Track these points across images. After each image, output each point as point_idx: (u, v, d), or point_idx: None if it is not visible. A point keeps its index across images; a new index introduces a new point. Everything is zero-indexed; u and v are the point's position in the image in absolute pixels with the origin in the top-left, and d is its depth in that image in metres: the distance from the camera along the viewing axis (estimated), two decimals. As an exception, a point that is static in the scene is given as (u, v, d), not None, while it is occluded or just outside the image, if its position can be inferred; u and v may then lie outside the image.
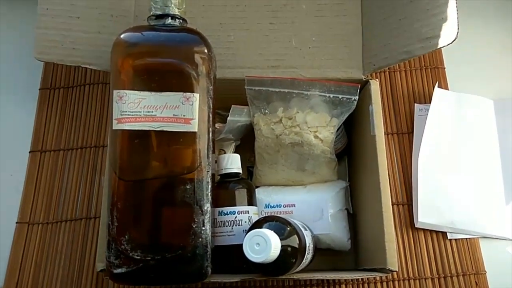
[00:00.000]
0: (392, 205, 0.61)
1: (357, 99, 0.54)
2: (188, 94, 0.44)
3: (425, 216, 0.61)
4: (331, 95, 0.54)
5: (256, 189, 0.58)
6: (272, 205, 0.58)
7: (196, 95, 0.45)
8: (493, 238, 0.61)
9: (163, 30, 0.47)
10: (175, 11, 0.47)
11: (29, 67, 0.72)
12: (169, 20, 0.47)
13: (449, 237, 0.61)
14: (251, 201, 0.54)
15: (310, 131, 0.55)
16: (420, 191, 0.62)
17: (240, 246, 0.44)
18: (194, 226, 0.44)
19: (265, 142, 0.57)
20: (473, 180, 0.63)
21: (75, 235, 0.62)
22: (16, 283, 0.60)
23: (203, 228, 0.45)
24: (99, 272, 0.48)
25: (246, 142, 0.63)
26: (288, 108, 0.56)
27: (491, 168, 0.64)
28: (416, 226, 0.61)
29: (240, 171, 0.55)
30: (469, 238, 0.61)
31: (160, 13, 0.47)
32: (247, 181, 0.57)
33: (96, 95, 0.70)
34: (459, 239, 0.61)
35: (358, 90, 0.54)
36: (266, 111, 0.57)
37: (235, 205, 0.52)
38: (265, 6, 0.56)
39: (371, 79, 0.55)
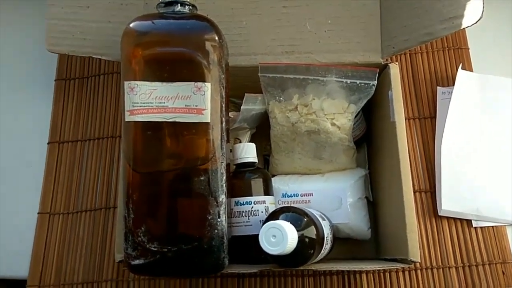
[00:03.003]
0: (415, 192, 0.60)
1: (375, 84, 0.52)
2: (199, 83, 0.43)
3: (448, 204, 0.59)
4: (348, 81, 0.52)
5: (273, 178, 0.57)
6: (289, 194, 0.57)
7: (208, 85, 0.43)
8: (521, 225, 0.59)
9: (173, 17, 0.46)
10: None
11: (45, 58, 0.72)
12: (178, 7, 0.46)
13: (474, 225, 0.59)
14: (268, 191, 0.53)
15: (327, 119, 0.53)
16: (443, 178, 0.60)
17: (257, 236, 0.44)
18: (209, 217, 0.44)
19: (280, 130, 0.56)
20: (499, 166, 0.60)
21: (95, 225, 0.63)
22: (40, 272, 0.61)
23: (219, 219, 0.44)
24: (118, 263, 0.48)
25: (262, 130, 0.61)
26: (304, 95, 0.54)
27: (518, 152, 0.61)
28: (439, 214, 0.59)
29: (256, 160, 0.54)
30: (496, 226, 0.59)
31: (169, 0, 0.46)
32: (263, 170, 0.56)
33: (111, 85, 0.70)
34: (484, 227, 0.59)
35: (377, 75, 0.52)
36: (281, 98, 0.55)
37: (251, 195, 0.52)
38: (277, -11, 0.54)
39: (390, 63, 0.52)
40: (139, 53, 0.44)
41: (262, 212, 0.51)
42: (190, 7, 0.47)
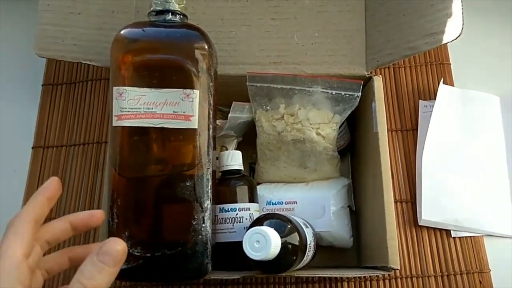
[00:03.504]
0: (396, 202, 0.61)
1: (360, 96, 0.53)
2: (188, 90, 0.44)
3: (428, 214, 0.60)
4: (334, 92, 0.54)
5: (258, 186, 0.58)
6: (274, 202, 0.58)
7: (196, 92, 0.44)
8: (497, 236, 0.60)
9: (164, 26, 0.46)
10: (176, 6, 0.46)
11: (32, 63, 0.72)
12: (169, 16, 0.47)
13: (453, 235, 0.60)
14: (252, 198, 0.54)
15: (312, 128, 0.55)
16: (424, 189, 0.61)
17: (241, 243, 0.44)
18: (194, 223, 0.44)
19: (266, 138, 0.57)
20: (478, 178, 0.62)
21: (78, 231, 0.62)
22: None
23: (203, 225, 0.45)
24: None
25: (248, 139, 0.62)
26: (290, 105, 0.55)
27: (496, 165, 0.63)
28: (419, 223, 0.61)
29: (242, 168, 0.55)
30: (474, 236, 0.60)
31: (161, 8, 0.46)
32: (249, 178, 0.57)
33: (99, 91, 0.70)
34: (463, 237, 0.60)
35: (361, 87, 0.53)
36: (268, 107, 0.56)
37: (236, 202, 0.52)
38: (267, 2, 0.55)
39: (374, 76, 0.54)
40: (129, 60, 0.45)
41: (246, 219, 0.52)
42: (181, 16, 0.47)
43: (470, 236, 0.60)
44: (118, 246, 0.34)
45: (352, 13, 0.55)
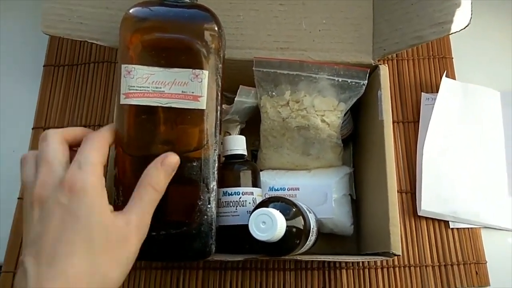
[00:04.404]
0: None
1: (366, 84, 0.54)
2: (197, 71, 0.44)
3: (428, 205, 0.61)
4: (340, 79, 0.54)
5: (261, 172, 0.58)
6: (276, 188, 0.58)
7: (206, 72, 0.44)
8: (494, 228, 0.61)
9: (173, 5, 0.46)
10: None
11: (34, 44, 0.71)
12: None
13: (451, 226, 0.61)
14: (256, 183, 0.54)
15: (317, 115, 0.55)
16: (424, 180, 0.62)
17: (244, 226, 0.44)
18: (200, 203, 0.44)
19: (271, 125, 0.57)
20: (477, 171, 0.63)
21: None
22: (16, 258, 0.60)
23: (209, 206, 0.45)
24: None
25: (251, 126, 0.62)
26: (296, 91, 0.55)
27: (495, 159, 0.64)
28: (418, 214, 0.61)
29: (245, 153, 0.55)
30: (471, 228, 0.61)
31: None
32: (252, 163, 0.57)
33: (101, 74, 0.70)
34: (461, 228, 0.61)
35: (367, 75, 0.54)
36: (273, 93, 0.56)
37: (239, 186, 0.52)
38: (276, -13, 0.55)
39: (380, 64, 0.54)
40: (138, 38, 0.44)
41: (249, 203, 0.52)
42: None
43: (468, 228, 0.61)
44: (176, 158, 0.42)
45: (360, 1, 0.55)
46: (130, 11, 0.46)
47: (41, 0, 0.54)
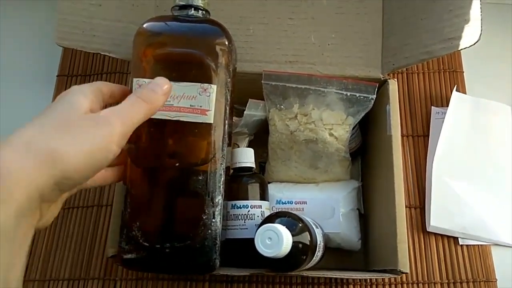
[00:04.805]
0: (405, 207, 0.61)
1: (374, 98, 0.54)
2: (205, 85, 0.44)
3: (437, 221, 0.60)
4: (348, 93, 0.54)
5: (268, 185, 0.58)
6: (284, 201, 0.58)
7: (214, 87, 0.44)
8: (505, 246, 0.60)
9: (186, 20, 0.47)
10: (199, 2, 0.47)
11: (48, 54, 0.72)
12: (192, 11, 0.47)
13: (460, 243, 0.60)
14: (264, 196, 0.54)
15: (325, 129, 0.55)
16: (433, 195, 0.61)
17: (252, 240, 0.44)
18: (204, 217, 0.44)
19: (279, 137, 0.57)
20: (487, 187, 0.62)
21: (86, 222, 0.63)
22: (26, 268, 0.60)
23: (213, 220, 0.45)
24: (109, 258, 0.48)
25: (259, 138, 0.62)
26: (304, 105, 0.56)
27: (506, 175, 0.63)
28: (427, 230, 0.61)
29: (254, 165, 0.55)
30: (481, 245, 0.60)
31: (184, 3, 0.47)
32: (260, 176, 0.57)
33: (113, 84, 0.70)
34: (470, 245, 0.60)
35: (376, 89, 0.54)
36: (282, 106, 0.57)
37: (247, 199, 0.52)
38: (285, 1, 0.56)
39: (389, 79, 0.54)
40: (150, 53, 0.45)
41: (258, 216, 0.52)
42: (204, 12, 0.48)
43: (478, 245, 0.60)
44: (167, 84, 0.40)
45: (369, 15, 0.55)
46: (144, 25, 0.46)
47: (55, 11, 0.55)
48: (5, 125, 0.69)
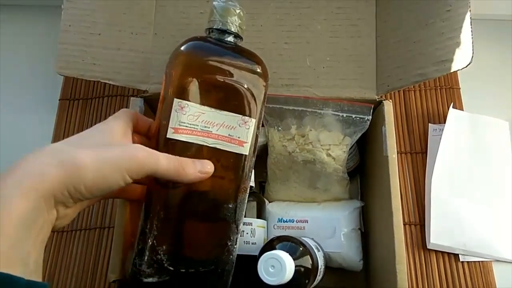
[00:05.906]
0: (405, 225, 0.62)
1: (370, 119, 0.54)
2: (246, 118, 0.45)
3: (437, 238, 0.60)
4: (344, 114, 0.55)
5: (270, 203, 0.59)
6: (285, 220, 0.58)
7: (254, 121, 0.45)
8: (506, 261, 0.60)
9: (230, 48, 0.46)
10: (237, 29, 0.46)
11: (50, 78, 0.74)
12: (230, 38, 0.46)
13: (461, 260, 0.60)
14: (260, 215, 0.55)
15: (323, 149, 0.56)
16: (432, 212, 0.61)
17: (241, 256, 0.45)
18: (229, 243, 0.45)
19: (277, 158, 0.58)
20: (487, 202, 0.63)
21: (89, 244, 0.63)
22: None
23: (235, 246, 0.45)
24: (112, 283, 0.48)
25: (259, 157, 0.62)
26: (301, 126, 0.56)
27: (505, 190, 0.63)
28: (428, 247, 0.61)
29: (253, 184, 0.56)
30: (482, 261, 0.60)
31: (223, 28, 0.45)
32: (258, 195, 0.58)
33: (115, 107, 0.72)
34: (471, 261, 0.60)
35: (371, 110, 0.54)
36: (280, 128, 0.57)
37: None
38: (280, 26, 0.57)
39: (384, 100, 0.55)
40: (196, 75, 0.44)
41: (247, 233, 0.53)
42: (239, 39, 0.47)
43: (479, 261, 0.60)
44: (211, 169, 0.43)
45: (363, 38, 0.56)
46: (191, 47, 0.45)
47: (56, 37, 0.56)
48: (5, 148, 0.70)
